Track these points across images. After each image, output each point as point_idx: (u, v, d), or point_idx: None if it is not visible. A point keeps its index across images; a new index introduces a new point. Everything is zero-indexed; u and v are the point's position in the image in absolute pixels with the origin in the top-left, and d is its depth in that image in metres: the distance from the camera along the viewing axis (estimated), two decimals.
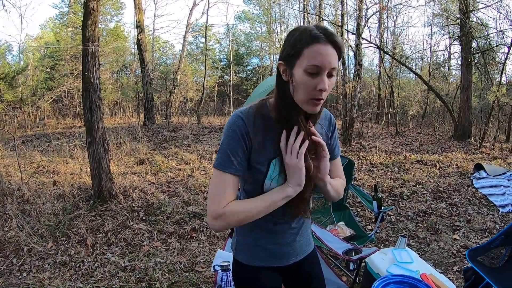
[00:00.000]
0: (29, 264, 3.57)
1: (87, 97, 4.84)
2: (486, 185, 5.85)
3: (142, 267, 3.52)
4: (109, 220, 4.45)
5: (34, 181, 5.74)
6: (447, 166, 7.35)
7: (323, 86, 1.12)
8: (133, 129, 9.57)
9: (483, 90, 12.45)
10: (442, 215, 4.86)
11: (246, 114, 1.27)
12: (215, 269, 2.37)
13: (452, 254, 3.86)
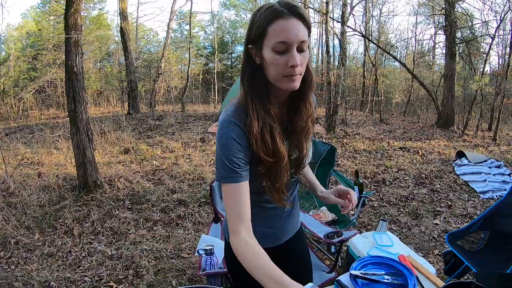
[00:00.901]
0: (17, 256, 3.62)
1: (70, 87, 4.83)
2: (467, 172, 6.04)
3: (128, 255, 3.60)
4: (95, 210, 4.50)
5: (19, 174, 5.73)
6: (430, 153, 7.52)
7: (294, 61, 1.07)
8: (118, 118, 9.55)
9: (467, 79, 12.64)
10: (424, 201, 5.01)
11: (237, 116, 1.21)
12: (200, 254, 2.45)
13: (433, 238, 4.00)
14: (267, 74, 1.16)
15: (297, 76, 1.13)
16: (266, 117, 1.22)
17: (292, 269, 1.73)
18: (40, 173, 5.74)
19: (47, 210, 4.49)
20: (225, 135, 1.17)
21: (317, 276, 2.55)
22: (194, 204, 4.86)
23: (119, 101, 12.81)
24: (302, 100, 1.29)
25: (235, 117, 1.20)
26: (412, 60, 14.67)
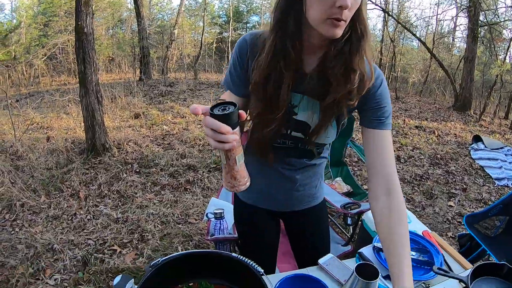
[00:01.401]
0: (22, 219, 3.54)
1: (80, 48, 4.65)
2: (483, 157, 5.86)
3: (134, 219, 3.48)
4: (102, 173, 4.39)
5: (27, 138, 5.65)
6: (446, 134, 7.27)
7: (344, 2, 0.88)
8: (129, 84, 9.38)
9: (487, 64, 12.20)
10: (439, 181, 4.84)
11: (254, 37, 1.13)
12: (208, 217, 2.30)
13: (446, 220, 3.86)
14: (306, 12, 0.97)
15: (342, 22, 0.94)
16: (281, 61, 1.05)
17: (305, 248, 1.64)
18: (49, 137, 5.64)
19: (54, 173, 4.39)
20: (236, 47, 1.14)
21: (332, 248, 2.41)
22: (203, 169, 4.71)
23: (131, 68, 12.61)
24: (342, 62, 1.03)
25: (252, 40, 1.14)
26: (432, 40, 14.03)
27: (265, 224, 1.58)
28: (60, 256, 2.95)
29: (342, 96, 1.05)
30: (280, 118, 1.12)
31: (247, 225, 1.61)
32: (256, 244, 1.62)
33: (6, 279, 2.73)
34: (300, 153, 1.31)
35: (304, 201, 1.49)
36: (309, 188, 1.47)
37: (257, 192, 1.47)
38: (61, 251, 3.00)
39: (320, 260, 1.46)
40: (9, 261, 2.92)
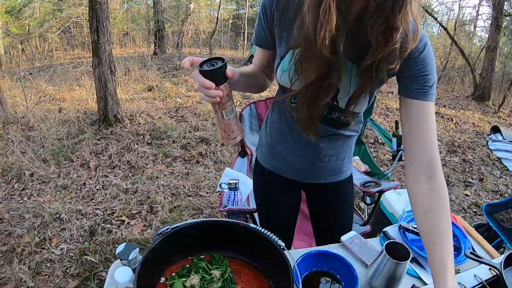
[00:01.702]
0: (31, 188, 3.46)
1: (93, 17, 4.50)
2: (501, 149, 5.62)
3: (144, 190, 3.37)
4: (113, 144, 4.28)
5: (40, 109, 5.56)
6: (464, 122, 6.99)
7: None
8: (143, 58, 9.22)
9: (508, 56, 11.75)
10: (455, 169, 4.64)
11: None
12: (222, 188, 2.16)
13: (462, 208, 3.69)
14: None
15: None
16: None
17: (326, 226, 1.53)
18: (61, 108, 5.55)
19: (65, 143, 4.30)
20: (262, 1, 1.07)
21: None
22: (216, 143, 4.56)
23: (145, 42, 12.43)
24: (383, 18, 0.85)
25: None
26: (453, 27, 13.44)
27: (284, 194, 1.45)
28: (67, 226, 2.85)
29: (382, 58, 0.89)
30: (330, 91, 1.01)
31: (264, 193, 1.49)
32: (272, 214, 1.49)
33: (11, 248, 2.65)
34: (327, 120, 1.16)
35: (328, 173, 1.35)
36: (335, 160, 1.32)
37: (278, 158, 1.34)
38: (69, 220, 2.91)
39: (343, 237, 1.33)
40: (16, 230, 2.84)
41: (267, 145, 1.37)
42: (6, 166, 3.77)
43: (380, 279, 1.07)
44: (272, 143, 1.34)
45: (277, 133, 1.31)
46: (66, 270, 2.41)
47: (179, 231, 1.08)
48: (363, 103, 1.06)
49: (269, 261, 1.09)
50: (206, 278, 1.08)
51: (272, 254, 1.05)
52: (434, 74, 0.99)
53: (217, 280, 1.07)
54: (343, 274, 1.17)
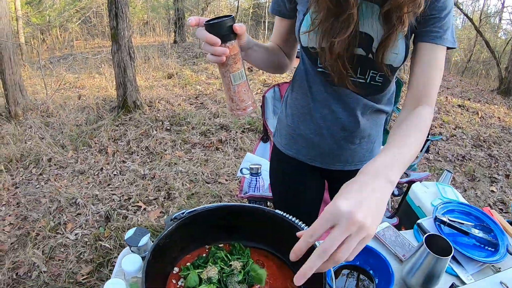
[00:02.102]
0: (48, 173, 3.41)
1: (112, 3, 4.43)
2: None
3: (162, 176, 3.27)
4: (132, 130, 4.20)
5: (59, 96, 5.54)
6: (489, 117, 6.68)
7: None
8: (163, 47, 9.15)
9: None
10: (481, 164, 4.39)
11: None
12: (243, 173, 2.03)
13: (488, 205, 3.46)
14: None
15: None
16: None
17: None
18: (80, 96, 5.51)
19: (83, 129, 4.24)
20: None
21: None
22: (236, 129, 4.43)
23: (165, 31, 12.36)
24: None
25: None
26: (478, 19, 12.92)
27: (306, 184, 1.30)
28: (83, 211, 2.78)
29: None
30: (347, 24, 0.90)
31: (284, 184, 1.34)
32: (293, 207, 1.33)
33: (26, 232, 2.59)
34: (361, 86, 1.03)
35: (358, 158, 1.20)
36: (367, 142, 1.18)
37: (300, 141, 1.19)
38: (85, 205, 2.83)
39: None
40: (31, 215, 2.78)
41: (287, 128, 1.22)
42: (24, 152, 3.74)
43: (418, 276, 0.95)
44: (294, 125, 1.19)
45: (299, 113, 1.16)
46: (80, 256, 2.34)
47: (196, 216, 0.95)
48: (399, 51, 0.94)
49: None
50: (225, 270, 0.94)
51: None
52: (451, 21, 0.92)
53: (238, 273, 0.94)
54: (377, 270, 1.05)
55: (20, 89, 4.94)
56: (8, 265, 2.30)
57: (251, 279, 0.94)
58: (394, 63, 0.97)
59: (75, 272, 2.21)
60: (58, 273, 2.22)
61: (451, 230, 1.20)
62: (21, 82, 4.99)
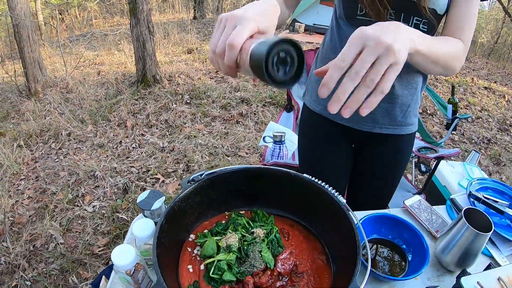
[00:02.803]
0: (67, 147, 3.36)
1: None
2: None
3: (181, 149, 3.17)
4: (151, 103, 4.10)
5: (79, 73, 5.49)
6: None
7: None
8: (182, 23, 9.00)
9: None
10: (507, 149, 4.14)
11: None
12: (265, 142, 1.91)
13: None
14: None
15: None
16: None
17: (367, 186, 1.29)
18: (100, 72, 5.45)
19: (102, 104, 4.18)
20: None
21: (400, 196, 1.99)
22: (258, 103, 4.29)
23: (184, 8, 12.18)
24: None
25: None
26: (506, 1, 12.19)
27: (334, 150, 1.20)
28: (101, 183, 2.71)
29: None
30: None
31: (311, 140, 1.23)
32: (318, 165, 1.23)
33: (44, 205, 2.54)
34: None
35: (390, 119, 1.08)
36: (402, 103, 1.05)
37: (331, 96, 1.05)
38: (103, 178, 2.76)
39: (407, 201, 1.10)
40: (50, 188, 2.73)
41: (317, 83, 1.10)
42: (44, 127, 3.70)
43: (454, 253, 0.86)
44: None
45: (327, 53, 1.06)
46: (97, 228, 2.27)
47: (216, 179, 0.84)
48: None
49: (325, 222, 0.84)
50: (246, 238, 0.82)
51: (331, 214, 0.80)
52: None
53: (261, 241, 0.82)
54: (410, 245, 0.93)
55: (39, 66, 4.90)
56: (26, 237, 2.25)
57: (275, 248, 0.81)
58: (438, 8, 0.90)
59: (91, 244, 2.14)
60: (74, 245, 2.16)
61: (486, 209, 1.08)
62: (40, 59, 4.95)
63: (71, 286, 1.94)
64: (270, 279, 0.75)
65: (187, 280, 0.75)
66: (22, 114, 4.08)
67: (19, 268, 2.07)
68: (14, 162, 3.12)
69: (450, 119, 2.84)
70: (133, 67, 5.21)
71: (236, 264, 0.76)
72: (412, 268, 0.88)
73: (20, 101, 4.49)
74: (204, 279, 0.75)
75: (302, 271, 0.79)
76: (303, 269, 0.79)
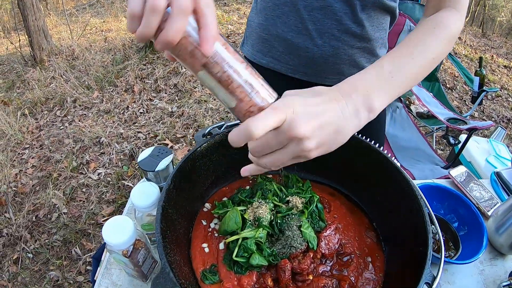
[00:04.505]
0: (73, 114, 3.20)
1: None
2: None
3: (191, 113, 2.99)
4: (160, 68, 3.89)
5: (85, 41, 5.29)
6: None
7: None
8: None
9: None
10: None
11: None
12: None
13: None
14: None
15: None
16: None
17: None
18: (107, 38, 5.24)
19: (109, 70, 3.99)
20: None
21: (428, 170, 1.85)
22: None
23: None
24: None
25: None
26: None
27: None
28: (107, 150, 2.55)
29: None
30: None
31: None
32: None
33: (48, 174, 2.40)
34: None
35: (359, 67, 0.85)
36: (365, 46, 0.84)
37: (276, 43, 0.87)
38: (109, 144, 2.60)
39: (452, 171, 0.95)
40: (54, 156, 2.58)
41: (259, 28, 0.88)
42: (49, 95, 3.54)
43: (510, 234, 0.73)
44: (267, 22, 0.84)
45: (274, 4, 0.82)
46: (102, 196, 2.12)
47: None
48: None
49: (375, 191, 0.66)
50: (280, 209, 0.62)
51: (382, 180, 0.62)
52: None
53: (299, 213, 0.62)
54: (465, 223, 0.78)
55: (44, 34, 4.72)
56: (28, 208, 2.12)
57: (315, 223, 0.62)
58: None
59: (95, 213, 2.00)
60: (78, 214, 2.02)
61: None
62: (45, 27, 4.76)
63: (74, 258, 1.81)
64: (312, 263, 0.56)
65: (201, 263, 0.57)
66: (27, 83, 3.92)
67: (21, 240, 1.94)
68: (18, 131, 2.98)
69: (476, 92, 2.70)
70: None
71: (267, 244, 0.57)
72: (467, 249, 0.73)
73: (25, 71, 4.33)
74: (225, 262, 0.57)
75: (350, 253, 0.60)
76: (350, 250, 0.61)
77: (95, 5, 7.96)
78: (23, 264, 1.83)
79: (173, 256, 0.49)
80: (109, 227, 0.54)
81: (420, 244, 0.49)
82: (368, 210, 0.68)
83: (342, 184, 0.72)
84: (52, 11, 7.78)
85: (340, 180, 0.72)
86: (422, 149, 2.08)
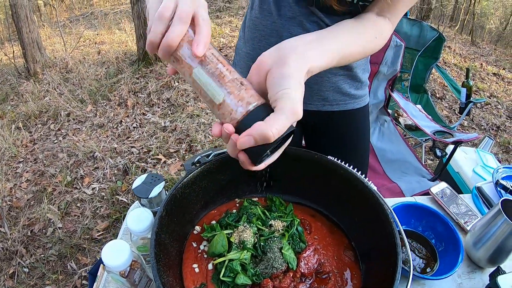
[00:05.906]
0: (67, 128, 3.25)
1: None
2: None
3: (184, 128, 3.05)
4: (152, 82, 3.96)
5: (79, 53, 5.34)
6: None
7: None
8: None
9: None
10: None
11: None
12: None
13: None
14: None
15: None
16: None
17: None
18: (100, 51, 5.30)
19: (102, 83, 4.04)
20: None
21: (415, 182, 1.90)
22: None
23: None
24: None
25: None
26: None
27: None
28: (101, 165, 2.61)
29: None
30: None
31: None
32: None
33: (42, 188, 2.44)
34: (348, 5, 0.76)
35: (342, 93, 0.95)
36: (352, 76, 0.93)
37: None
38: (102, 159, 2.66)
39: (433, 188, 1.00)
40: (48, 170, 2.63)
41: (246, 57, 0.94)
42: (43, 108, 3.59)
43: (487, 248, 0.77)
44: (254, 52, 0.90)
45: (260, 35, 0.87)
46: (96, 211, 2.17)
47: (225, 160, 0.71)
48: None
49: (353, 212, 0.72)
50: (263, 232, 0.69)
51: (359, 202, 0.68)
52: None
53: (280, 236, 0.69)
54: (442, 239, 0.84)
55: (38, 47, 4.77)
56: (24, 222, 2.16)
57: (296, 244, 0.69)
58: None
59: (90, 228, 2.05)
60: (73, 229, 2.07)
61: None
62: (39, 40, 4.81)
63: (70, 273, 1.85)
64: (292, 282, 0.63)
65: (192, 282, 0.63)
66: (21, 96, 3.97)
67: (16, 254, 1.98)
68: (13, 144, 3.02)
69: (464, 103, 2.78)
70: (134, 45, 5.05)
71: (251, 265, 0.64)
72: (444, 264, 0.78)
73: (19, 83, 4.37)
74: (213, 281, 0.63)
75: (328, 271, 0.67)
76: (328, 268, 0.67)
77: (89, 17, 8.03)
78: (19, 278, 1.87)
79: (166, 277, 0.55)
80: (108, 251, 0.61)
81: (392, 264, 0.56)
82: (347, 230, 0.75)
83: (323, 206, 0.79)
84: (46, 22, 7.83)
85: (321, 202, 0.79)
86: (409, 161, 2.15)
